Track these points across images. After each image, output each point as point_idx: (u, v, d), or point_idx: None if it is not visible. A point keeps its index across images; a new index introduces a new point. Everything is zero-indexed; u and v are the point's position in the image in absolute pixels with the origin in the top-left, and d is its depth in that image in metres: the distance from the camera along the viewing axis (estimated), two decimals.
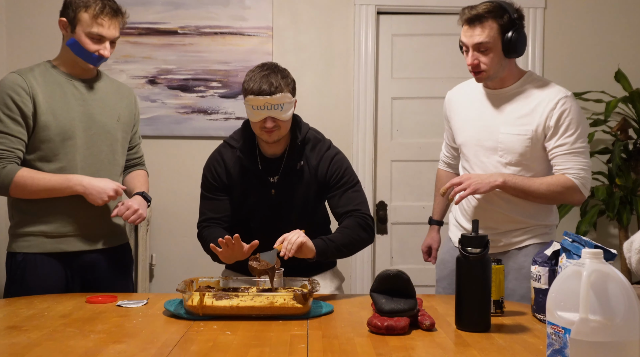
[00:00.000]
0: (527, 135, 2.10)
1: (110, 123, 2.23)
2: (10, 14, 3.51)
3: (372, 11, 3.58)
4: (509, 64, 2.13)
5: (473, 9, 2.07)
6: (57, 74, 2.16)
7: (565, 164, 2.08)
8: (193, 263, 3.60)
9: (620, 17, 3.66)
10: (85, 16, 2.07)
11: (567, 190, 2.07)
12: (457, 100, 2.33)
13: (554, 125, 2.07)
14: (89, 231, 2.18)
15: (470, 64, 2.11)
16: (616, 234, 3.55)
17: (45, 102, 2.10)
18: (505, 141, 2.12)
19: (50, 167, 2.11)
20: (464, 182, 2.03)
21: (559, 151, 2.08)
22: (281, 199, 2.11)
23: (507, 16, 2.05)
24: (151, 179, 3.61)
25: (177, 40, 3.57)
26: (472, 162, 2.22)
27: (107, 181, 2.11)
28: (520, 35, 2.06)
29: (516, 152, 2.12)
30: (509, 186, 2.05)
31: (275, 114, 1.99)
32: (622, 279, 1.19)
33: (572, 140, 2.07)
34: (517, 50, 2.08)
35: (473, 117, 2.23)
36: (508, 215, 2.17)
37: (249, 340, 1.55)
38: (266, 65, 2.05)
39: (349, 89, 3.61)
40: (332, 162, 2.12)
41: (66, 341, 1.54)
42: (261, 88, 1.97)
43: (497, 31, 2.05)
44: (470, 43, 2.08)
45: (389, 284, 1.68)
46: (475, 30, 2.06)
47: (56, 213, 2.13)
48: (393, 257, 3.66)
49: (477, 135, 2.20)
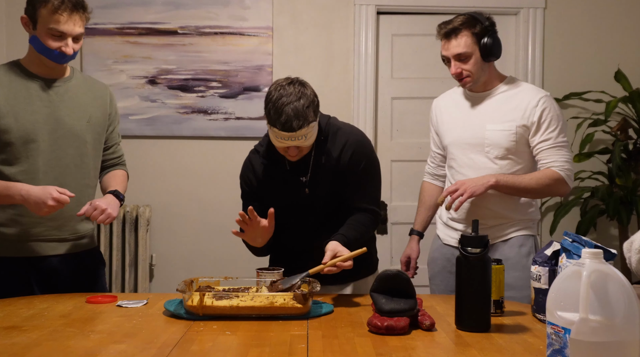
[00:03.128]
0: (512, 131, 2.22)
1: (78, 125, 2.15)
2: (10, 13, 3.52)
3: (372, 11, 3.59)
4: (489, 67, 2.28)
5: (448, 24, 2.24)
6: (22, 73, 2.10)
7: (550, 158, 2.20)
8: (193, 263, 3.61)
9: (620, 17, 3.66)
10: (44, 12, 2.01)
11: (555, 182, 2.19)
12: (443, 105, 2.44)
13: (537, 122, 2.21)
14: (53, 236, 2.13)
15: (453, 73, 2.26)
16: (616, 234, 3.55)
17: (7, 104, 2.04)
18: (491, 137, 2.24)
19: (11, 170, 2.05)
20: (460, 188, 2.13)
21: (543, 146, 2.21)
22: (314, 196, 2.09)
23: (479, 25, 2.22)
24: (151, 179, 3.63)
25: (177, 40, 3.57)
26: (460, 160, 2.31)
27: (46, 190, 1.96)
28: (494, 39, 2.23)
29: (502, 147, 2.23)
30: (501, 184, 2.16)
31: (299, 143, 1.95)
32: (622, 279, 1.19)
33: (554, 135, 2.21)
34: (494, 53, 2.24)
35: (459, 117, 2.34)
36: (495, 211, 2.26)
37: (249, 340, 1.55)
38: (289, 88, 1.95)
39: (349, 89, 3.61)
40: (353, 154, 2.09)
41: (66, 341, 1.54)
42: (285, 125, 1.90)
43: (472, 40, 2.21)
44: (451, 54, 2.24)
45: (389, 284, 1.68)
46: (452, 43, 2.23)
47: (20, 216, 2.08)
48: (393, 257, 3.66)
49: (464, 134, 2.30)
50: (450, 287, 2.29)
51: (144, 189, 3.57)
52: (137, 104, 3.58)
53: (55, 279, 2.15)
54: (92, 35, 3.54)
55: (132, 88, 3.58)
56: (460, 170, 2.31)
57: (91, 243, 2.27)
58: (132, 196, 3.39)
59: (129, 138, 3.39)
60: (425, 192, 2.58)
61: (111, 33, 3.56)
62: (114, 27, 3.56)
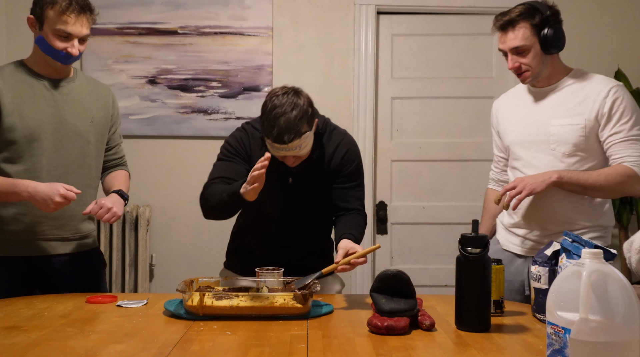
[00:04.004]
0: (581, 125, 2.06)
1: (82, 125, 2.17)
2: (10, 13, 3.52)
3: (372, 11, 3.58)
4: (552, 60, 2.13)
5: (505, 15, 2.10)
6: (28, 73, 2.11)
7: (622, 153, 2.03)
8: (193, 263, 3.60)
9: (620, 17, 3.66)
10: (51, 13, 2.02)
11: (628, 179, 2.01)
12: (504, 104, 2.31)
13: (607, 113, 2.04)
14: (55, 235, 2.14)
15: (510, 68, 2.12)
16: (616, 234, 3.55)
17: (12, 103, 2.05)
18: (557, 133, 2.09)
19: (14, 168, 2.06)
20: (518, 185, 1.99)
21: (614, 139, 2.04)
22: (298, 188, 2.11)
23: (539, 15, 2.07)
24: (151, 179, 3.63)
25: (177, 40, 3.57)
26: (524, 160, 2.17)
27: (53, 186, 1.97)
28: (556, 30, 2.07)
29: (570, 143, 2.07)
30: (564, 181, 2.01)
31: (293, 153, 1.97)
32: (622, 279, 1.19)
33: (627, 128, 2.03)
34: (556, 46, 2.09)
35: (522, 115, 2.20)
36: (560, 213, 2.10)
37: (249, 340, 1.55)
38: (283, 98, 1.96)
39: (349, 89, 3.61)
40: (347, 153, 2.13)
41: (66, 341, 1.54)
42: (277, 138, 1.92)
43: (531, 31, 2.07)
44: (507, 48, 2.10)
45: (389, 284, 1.68)
46: (508, 35, 2.09)
47: (21, 215, 2.09)
48: (393, 257, 3.66)
49: (527, 131, 2.16)
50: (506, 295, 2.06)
51: (144, 189, 3.57)
52: (137, 104, 3.58)
53: (56, 279, 2.15)
54: (92, 35, 3.49)
55: (132, 88, 3.58)
56: (523, 170, 2.16)
57: (92, 243, 2.28)
58: (132, 196, 3.37)
59: (129, 138, 3.39)
60: (489, 199, 2.40)
61: (111, 33, 3.55)
62: (114, 27, 3.56)
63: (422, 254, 3.67)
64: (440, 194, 3.67)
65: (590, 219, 2.11)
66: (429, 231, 3.68)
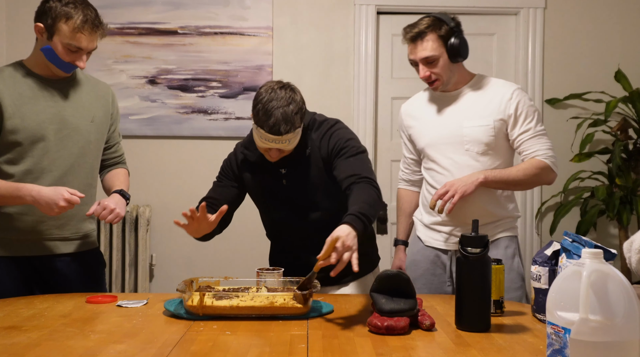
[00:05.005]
0: (490, 125, 2.21)
1: (83, 124, 2.16)
2: (10, 13, 3.52)
3: (372, 11, 3.59)
4: (458, 68, 2.28)
5: (414, 27, 2.22)
6: (28, 74, 2.10)
7: (533, 147, 2.20)
8: (193, 263, 3.61)
9: (620, 17, 3.67)
10: (65, 28, 2.00)
11: (542, 171, 2.19)
12: (413, 109, 2.42)
13: (514, 114, 2.21)
14: (55, 235, 2.13)
15: (422, 77, 2.25)
16: (616, 234, 3.55)
17: (13, 105, 2.05)
18: (470, 134, 2.22)
19: (15, 169, 2.06)
20: (450, 190, 2.11)
21: (524, 137, 2.21)
22: (293, 188, 2.09)
23: (445, 26, 2.21)
24: (151, 179, 3.63)
25: (177, 40, 3.57)
26: (440, 161, 2.27)
27: (58, 191, 1.97)
28: (461, 40, 2.22)
29: (482, 143, 2.22)
30: (490, 180, 2.16)
31: (282, 147, 1.97)
32: (622, 279, 1.19)
33: (533, 125, 2.21)
34: (462, 54, 2.23)
35: (433, 118, 2.31)
36: (481, 208, 2.22)
37: (249, 340, 1.55)
38: (280, 92, 1.95)
39: (349, 89, 3.61)
40: (332, 136, 2.07)
41: (66, 341, 1.54)
42: (273, 128, 1.92)
43: (439, 42, 2.20)
44: (418, 58, 2.23)
45: (389, 284, 1.68)
46: (418, 46, 2.21)
47: (22, 215, 2.09)
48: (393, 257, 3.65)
49: (440, 134, 2.27)
50: (434, 289, 2.31)
51: (144, 189, 3.57)
52: (137, 104, 3.58)
53: (56, 279, 2.15)
54: None
55: (132, 88, 3.58)
56: (442, 171, 2.27)
57: (93, 243, 2.28)
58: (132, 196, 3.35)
59: (129, 138, 3.39)
60: (403, 200, 2.52)
61: (111, 33, 3.55)
62: (114, 27, 3.56)
63: None
64: None
65: (505, 210, 2.29)
66: None
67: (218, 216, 1.93)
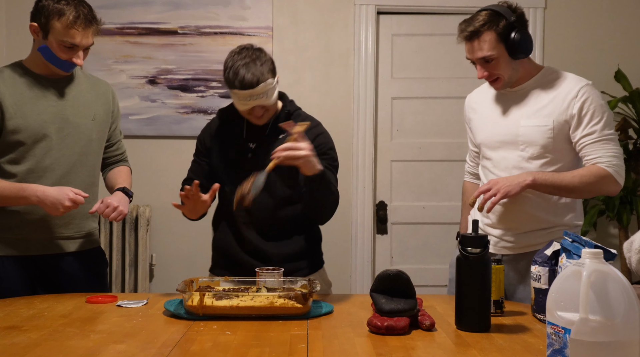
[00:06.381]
0: (549, 126, 2.04)
1: (84, 123, 2.17)
2: (10, 13, 3.52)
3: (372, 11, 3.58)
4: (521, 64, 2.10)
5: (469, 25, 2.05)
6: (28, 74, 2.11)
7: (595, 153, 2.01)
8: (193, 263, 3.60)
9: (620, 17, 3.66)
10: (58, 25, 2.00)
11: (602, 180, 1.99)
12: (476, 100, 2.29)
13: (577, 114, 2.02)
14: (58, 233, 2.14)
15: (480, 77, 2.11)
16: (616, 234, 3.55)
17: (14, 105, 2.05)
18: (526, 134, 2.06)
19: (18, 168, 2.07)
20: (493, 188, 1.96)
21: (587, 140, 2.02)
22: (256, 163, 2.05)
23: (504, 21, 2.02)
24: (151, 179, 3.62)
25: (177, 40, 3.57)
26: (494, 159, 2.15)
27: (63, 191, 1.99)
28: (522, 35, 2.03)
29: (538, 145, 2.05)
30: (539, 183, 1.98)
31: (261, 102, 2.01)
32: (622, 279, 1.19)
33: (599, 128, 2.01)
34: (524, 50, 2.05)
35: (492, 114, 2.19)
36: (532, 214, 2.08)
37: (249, 340, 1.55)
38: (243, 52, 2.04)
39: (349, 89, 3.61)
40: (318, 136, 2.12)
41: (66, 341, 1.54)
42: (243, 82, 1.97)
43: (496, 40, 2.02)
44: (474, 58, 2.08)
45: (389, 284, 1.68)
46: (475, 46, 2.05)
47: (25, 214, 2.09)
48: (393, 257, 3.66)
49: (496, 131, 2.14)
50: None
51: (144, 189, 3.56)
52: (137, 104, 3.58)
53: (60, 278, 2.16)
54: None
55: (132, 88, 3.58)
56: (493, 170, 2.15)
57: (95, 241, 2.29)
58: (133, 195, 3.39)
59: (129, 138, 3.38)
60: (467, 192, 2.39)
61: (111, 33, 3.55)
62: (114, 27, 3.56)
63: (422, 254, 3.67)
64: (440, 194, 3.67)
65: (560, 218, 2.10)
66: (428, 231, 3.68)
67: (211, 194, 1.99)
